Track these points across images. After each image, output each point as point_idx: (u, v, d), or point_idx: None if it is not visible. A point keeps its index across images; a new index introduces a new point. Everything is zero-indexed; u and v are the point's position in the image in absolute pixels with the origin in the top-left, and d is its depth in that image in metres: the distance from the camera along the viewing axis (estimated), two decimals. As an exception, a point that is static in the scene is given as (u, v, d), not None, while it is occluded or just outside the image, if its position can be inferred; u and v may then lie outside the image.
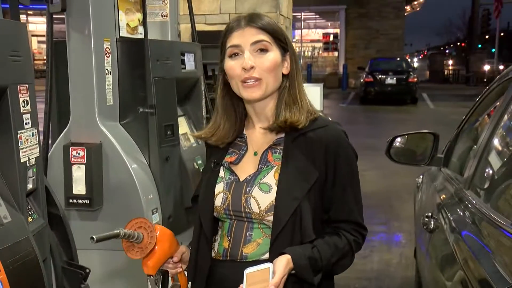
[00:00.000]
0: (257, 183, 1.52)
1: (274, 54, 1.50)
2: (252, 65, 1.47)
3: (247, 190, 1.51)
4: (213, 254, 1.57)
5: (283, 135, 1.55)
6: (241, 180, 1.54)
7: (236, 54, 1.50)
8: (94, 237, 1.44)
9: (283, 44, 1.53)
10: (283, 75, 1.54)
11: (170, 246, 1.59)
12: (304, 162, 1.50)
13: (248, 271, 1.36)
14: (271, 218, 1.48)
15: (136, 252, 1.54)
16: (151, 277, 1.60)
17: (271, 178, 1.51)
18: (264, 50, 1.49)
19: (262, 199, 1.49)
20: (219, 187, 1.56)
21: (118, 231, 1.49)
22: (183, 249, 1.63)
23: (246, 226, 1.52)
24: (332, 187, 1.51)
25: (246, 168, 1.56)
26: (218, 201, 1.55)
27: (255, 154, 1.57)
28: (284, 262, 1.39)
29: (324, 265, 1.47)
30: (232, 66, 1.50)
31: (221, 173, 1.58)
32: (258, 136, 1.58)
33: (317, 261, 1.45)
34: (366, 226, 1.57)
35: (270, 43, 1.50)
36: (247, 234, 1.52)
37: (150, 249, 1.54)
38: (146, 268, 1.58)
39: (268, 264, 1.37)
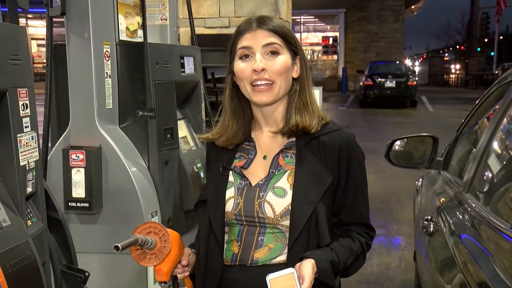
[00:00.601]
0: (270, 188, 1.50)
1: (285, 57, 1.50)
2: (263, 67, 1.46)
3: (261, 195, 1.50)
4: None
5: (293, 139, 1.53)
6: (253, 185, 1.52)
7: (246, 56, 1.49)
8: (119, 245, 1.35)
9: (294, 47, 1.52)
10: (293, 78, 1.53)
11: (179, 249, 1.50)
12: (317, 165, 1.49)
13: (270, 277, 1.32)
14: (286, 222, 1.47)
15: (149, 259, 1.44)
16: (164, 284, 1.49)
17: (284, 182, 1.50)
18: (275, 53, 1.49)
19: (277, 203, 1.48)
20: (230, 192, 1.54)
21: (136, 237, 1.40)
22: (189, 251, 1.58)
23: (258, 231, 1.50)
24: (344, 191, 1.51)
25: (256, 172, 1.54)
26: (229, 206, 1.52)
27: (265, 158, 1.55)
28: (310, 267, 1.37)
29: (342, 268, 1.47)
30: (242, 68, 1.49)
31: (231, 178, 1.56)
32: (266, 140, 1.57)
33: (336, 264, 1.45)
34: (374, 228, 1.59)
35: (281, 46, 1.49)
36: (259, 239, 1.50)
37: (165, 254, 1.44)
38: (160, 275, 1.46)
39: (291, 269, 1.34)
